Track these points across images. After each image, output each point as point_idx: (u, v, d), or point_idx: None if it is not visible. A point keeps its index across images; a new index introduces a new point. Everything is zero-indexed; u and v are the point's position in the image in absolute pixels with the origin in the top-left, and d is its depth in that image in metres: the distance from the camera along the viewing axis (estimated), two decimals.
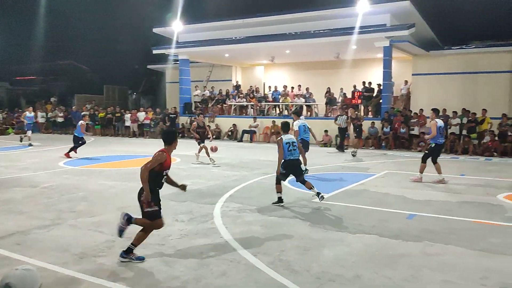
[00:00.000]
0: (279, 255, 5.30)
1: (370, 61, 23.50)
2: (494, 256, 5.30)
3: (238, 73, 29.22)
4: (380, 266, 4.95)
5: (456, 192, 9.30)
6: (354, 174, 11.66)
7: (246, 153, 16.78)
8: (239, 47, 23.20)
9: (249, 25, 23.22)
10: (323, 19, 21.12)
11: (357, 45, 20.47)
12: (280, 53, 24.33)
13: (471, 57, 21.04)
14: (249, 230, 6.36)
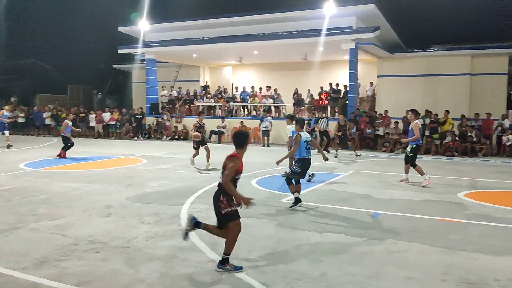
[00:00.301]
0: (246, 256, 5.29)
1: (337, 63, 23.87)
2: (455, 252, 5.47)
3: (206, 74, 29.08)
4: (345, 264, 5.03)
5: (419, 190, 9.56)
6: (321, 174, 11.77)
7: (214, 154, 16.65)
8: (207, 47, 23.11)
9: (217, 25, 23.16)
10: (291, 20, 21.31)
11: (324, 47, 20.76)
12: (248, 54, 24.36)
13: (433, 60, 21.70)
14: None
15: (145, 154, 16.26)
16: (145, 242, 5.82)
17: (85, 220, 6.87)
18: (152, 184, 10.04)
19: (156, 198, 8.46)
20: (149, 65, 25.39)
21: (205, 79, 28.52)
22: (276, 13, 21.80)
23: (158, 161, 14.09)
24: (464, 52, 21.50)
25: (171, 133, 23.56)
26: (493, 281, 4.56)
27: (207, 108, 24.78)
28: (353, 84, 20.33)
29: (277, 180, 10.89)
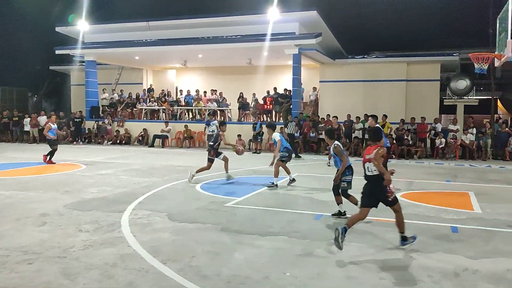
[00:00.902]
0: (189, 262, 5.22)
1: (281, 68, 24.24)
2: (392, 251, 5.70)
3: (149, 76, 28.52)
4: (288, 266, 5.09)
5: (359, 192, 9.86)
6: (265, 177, 11.87)
7: (157, 158, 16.38)
8: (150, 49, 22.67)
9: (160, 27, 22.81)
10: (236, 25, 21.41)
11: (268, 52, 21.03)
12: (192, 57, 24.18)
13: (371, 66, 22.60)
14: (158, 237, 6.19)
15: (85, 159, 15.65)
16: (83, 251, 5.59)
17: (18, 229, 6.49)
18: (92, 190, 9.67)
19: (96, 205, 8.16)
20: (89, 67, 24.50)
21: (148, 82, 27.94)
22: (220, 17, 21.83)
23: (98, 167, 13.60)
24: (400, 59, 22.59)
25: (112, 137, 22.86)
26: (427, 278, 4.79)
27: (150, 111, 24.29)
28: (296, 89, 20.73)
29: (221, 184, 10.86)
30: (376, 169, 5.58)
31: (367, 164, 5.72)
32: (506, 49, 8.83)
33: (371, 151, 5.67)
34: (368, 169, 5.72)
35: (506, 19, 8.85)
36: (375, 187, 5.67)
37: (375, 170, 5.60)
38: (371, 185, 5.75)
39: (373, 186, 5.72)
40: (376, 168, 5.58)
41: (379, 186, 5.58)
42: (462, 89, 21.97)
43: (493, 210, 8.13)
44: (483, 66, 9.67)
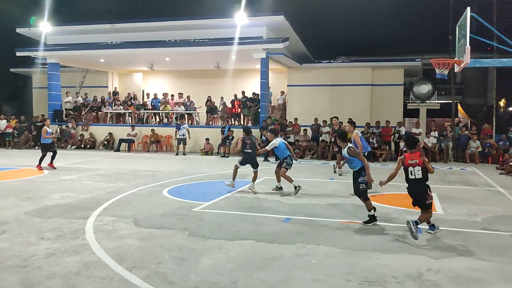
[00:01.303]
0: (155, 268, 5.14)
1: (250, 72, 24.30)
2: (357, 252, 5.79)
3: (115, 80, 27.99)
4: (255, 270, 5.09)
5: (325, 195, 10.01)
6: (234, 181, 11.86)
7: (123, 163, 16.07)
8: (116, 52, 22.26)
9: (126, 30, 22.45)
10: (203, 28, 21.32)
11: (236, 56, 21.06)
12: (159, 60, 23.91)
13: (338, 70, 22.96)
14: (124, 244, 6.07)
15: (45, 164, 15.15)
16: (45, 259, 5.41)
17: None
18: (54, 196, 9.39)
19: (59, 212, 7.92)
20: (52, 69, 23.81)
21: (113, 85, 27.41)
22: (188, 20, 21.69)
23: (61, 172, 13.23)
24: (365, 64, 23.07)
25: (76, 141, 22.29)
26: (391, 278, 4.89)
27: (116, 115, 23.83)
28: (264, 93, 20.82)
29: (189, 189, 10.77)
30: (420, 173, 6.45)
31: (411, 168, 6.48)
32: (465, 55, 9.16)
33: (415, 158, 6.51)
34: (412, 173, 6.49)
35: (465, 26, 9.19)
36: (421, 190, 6.52)
37: (419, 174, 6.44)
38: (418, 187, 6.55)
39: (419, 189, 6.54)
40: (423, 171, 6.47)
41: (424, 188, 6.51)
42: (424, 93, 22.61)
43: (454, 211, 8.40)
44: (443, 72, 10.00)
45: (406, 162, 6.56)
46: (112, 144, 21.94)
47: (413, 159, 6.52)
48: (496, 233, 6.89)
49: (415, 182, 6.54)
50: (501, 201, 9.57)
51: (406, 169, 6.59)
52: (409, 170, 6.53)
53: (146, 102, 24.45)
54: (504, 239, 6.57)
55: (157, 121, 23.71)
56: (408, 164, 6.54)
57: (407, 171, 6.57)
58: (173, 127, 20.75)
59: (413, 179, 6.53)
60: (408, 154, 6.62)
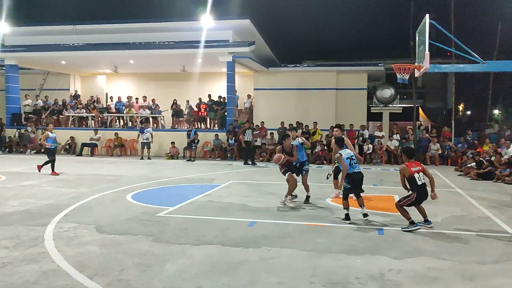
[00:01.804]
0: (118, 275, 5.02)
1: (216, 75, 24.22)
2: (321, 254, 5.85)
3: (77, 82, 27.28)
4: (220, 275, 5.05)
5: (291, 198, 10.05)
6: (199, 185, 11.79)
7: (85, 168, 15.66)
8: (78, 54, 21.74)
9: (89, 31, 21.98)
10: (169, 31, 21.14)
11: (202, 59, 20.96)
12: (123, 63, 23.49)
13: (303, 74, 23.23)
14: (85, 251, 5.90)
15: (5, 170, 14.62)
16: (1, 269, 5.19)
17: None
18: (12, 203, 9.03)
19: (17, 219, 7.62)
20: (10, 71, 22.97)
21: (75, 88, 26.70)
22: (153, 23, 21.47)
23: (20, 177, 12.75)
24: (330, 68, 23.44)
25: (36, 146, 21.55)
26: (354, 279, 4.96)
27: (78, 119, 23.22)
28: (230, 96, 20.80)
29: (154, 193, 10.61)
30: (424, 177, 7.17)
31: (417, 175, 7.09)
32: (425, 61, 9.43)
33: (417, 165, 7.25)
34: (419, 179, 7.07)
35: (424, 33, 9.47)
36: (427, 192, 7.18)
37: (424, 178, 7.15)
38: (425, 190, 7.17)
39: (426, 191, 7.18)
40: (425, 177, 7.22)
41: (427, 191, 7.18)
42: (387, 97, 23.17)
43: (415, 211, 8.61)
44: (404, 77, 10.25)
45: (410, 171, 7.09)
46: (74, 148, 21.36)
47: (415, 166, 7.20)
48: (455, 232, 7.12)
49: (424, 186, 7.16)
50: (460, 201, 9.90)
51: (413, 177, 7.09)
52: (415, 177, 7.09)
53: (109, 106, 23.94)
54: (463, 239, 6.79)
55: (121, 124, 23.26)
56: (412, 172, 7.09)
57: (414, 178, 7.10)
58: (137, 130, 20.40)
59: (422, 185, 7.12)
60: (409, 163, 7.21)
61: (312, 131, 19.55)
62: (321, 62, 30.82)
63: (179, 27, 21.04)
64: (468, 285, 4.88)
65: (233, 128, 19.87)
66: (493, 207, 9.36)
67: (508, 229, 7.41)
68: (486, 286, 4.86)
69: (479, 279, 5.05)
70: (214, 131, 20.45)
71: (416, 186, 7.09)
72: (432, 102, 39.25)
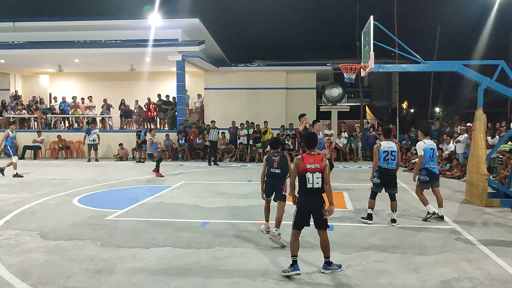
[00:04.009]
0: (64, 283, 4.83)
1: (166, 74, 23.82)
2: (274, 252, 5.91)
3: (17, 82, 25.89)
4: (171, 278, 4.98)
5: (243, 197, 10.10)
6: (150, 187, 11.56)
7: (28, 171, 14.92)
8: (18, 52, 20.63)
9: (30, 29, 20.93)
10: (116, 29, 20.53)
11: (151, 58, 20.54)
12: (68, 62, 22.57)
13: (254, 74, 23.33)
14: (28, 259, 5.62)
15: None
16: None
17: None
18: None
19: None
20: None
21: (16, 88, 25.35)
22: (99, 20, 20.78)
23: None
24: (280, 68, 23.71)
25: None
26: (305, 275, 5.06)
27: (19, 120, 22.09)
28: (181, 96, 20.53)
29: (102, 197, 10.28)
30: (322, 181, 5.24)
31: (310, 175, 5.19)
32: (370, 61, 9.75)
33: (315, 161, 5.24)
34: (309, 180, 5.18)
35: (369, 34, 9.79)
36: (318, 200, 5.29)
37: (318, 182, 5.18)
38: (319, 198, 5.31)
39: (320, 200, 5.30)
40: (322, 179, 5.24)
41: (322, 201, 5.30)
42: (335, 96, 23.72)
43: (364, 207, 8.88)
44: (351, 76, 10.55)
45: (304, 167, 5.27)
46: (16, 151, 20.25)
47: (314, 163, 5.29)
48: (399, 226, 7.41)
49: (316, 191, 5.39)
50: (404, 196, 10.31)
51: (304, 176, 5.27)
52: (307, 176, 5.23)
53: (53, 106, 22.92)
54: (407, 232, 7.08)
55: (67, 126, 22.35)
56: (306, 170, 5.26)
57: (306, 177, 5.26)
58: (83, 132, 19.69)
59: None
60: (307, 156, 5.40)
61: (263, 130, 19.70)
62: (271, 62, 31.13)
63: (127, 25, 20.50)
64: (413, 276, 5.10)
65: (183, 128, 19.63)
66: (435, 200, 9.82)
67: (448, 221, 7.82)
68: (430, 275, 5.10)
69: (422, 269, 5.29)
70: (164, 131, 20.09)
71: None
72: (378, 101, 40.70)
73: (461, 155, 14.15)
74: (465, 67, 9.66)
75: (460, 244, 6.34)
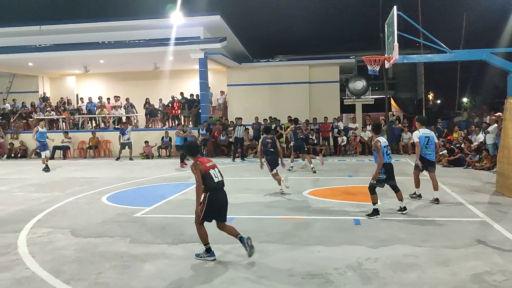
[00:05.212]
0: (95, 279, 4.94)
1: (188, 72, 24.03)
2: (300, 247, 5.90)
3: (45, 84, 26.57)
4: (200, 273, 5.05)
5: (269, 192, 10.10)
6: (176, 184, 11.70)
7: (58, 171, 15.33)
8: (45, 55, 21.13)
9: (56, 32, 21.43)
10: (139, 29, 20.81)
11: (174, 56, 20.74)
12: (93, 63, 23.03)
13: (276, 69, 23.29)
14: (60, 256, 5.78)
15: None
16: None
17: None
18: None
19: None
20: None
21: (44, 90, 26.02)
22: (122, 21, 21.06)
23: None
24: (303, 62, 23.57)
25: (5, 151, 20.96)
26: (333, 270, 5.03)
27: (49, 121, 22.67)
28: (204, 93, 20.67)
29: (129, 194, 10.47)
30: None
31: (213, 171, 5.52)
32: (394, 52, 9.60)
33: (209, 160, 5.65)
34: (215, 175, 5.51)
35: (393, 24, 9.63)
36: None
37: (219, 175, 5.58)
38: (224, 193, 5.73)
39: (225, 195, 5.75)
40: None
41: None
42: (359, 89, 23.45)
43: (390, 200, 8.78)
44: (375, 68, 10.41)
45: (205, 165, 5.52)
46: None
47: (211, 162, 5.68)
48: (428, 219, 7.29)
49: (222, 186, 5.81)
50: (432, 189, 10.12)
51: (209, 173, 5.51)
52: (211, 173, 5.54)
53: (80, 107, 23.45)
54: (436, 225, 6.96)
55: (94, 126, 22.82)
56: (209, 167, 5.55)
57: (211, 174, 5.54)
58: (111, 131, 20.07)
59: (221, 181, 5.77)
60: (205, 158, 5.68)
61: (286, 125, 19.64)
62: (294, 56, 30.98)
63: (149, 24, 20.75)
64: (442, 269, 5.01)
65: (208, 125, 19.75)
66: (464, 192, 9.63)
67: (478, 213, 7.64)
68: (460, 269, 5.00)
69: (452, 263, 5.19)
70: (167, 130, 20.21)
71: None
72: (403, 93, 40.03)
73: (491, 146, 13.78)
74: (493, 55, 9.40)
75: (491, 237, 6.19)
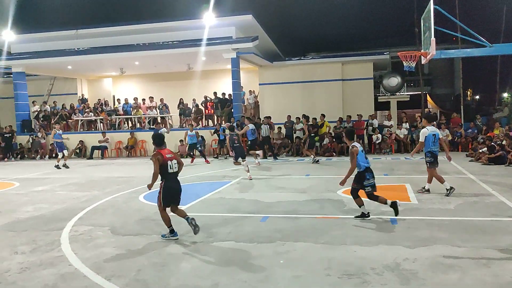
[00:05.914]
0: (135, 275, 5.07)
1: (221, 72, 24.26)
2: (336, 247, 5.86)
3: (84, 86, 27.44)
4: (236, 271, 5.09)
5: (302, 191, 10.08)
6: (210, 183, 11.84)
7: (96, 171, 15.80)
8: (83, 58, 21.83)
9: (93, 35, 22.08)
10: (172, 30, 21.17)
11: (207, 57, 20.98)
12: (129, 65, 23.59)
13: (308, 67, 23.15)
14: (101, 253, 5.96)
15: (18, 176, 14.80)
16: (20, 274, 5.27)
17: None
18: (27, 209, 9.15)
19: (32, 224, 7.72)
20: (17, 78, 23.17)
21: (82, 92, 26.88)
22: (155, 23, 21.49)
23: (33, 183, 12.89)
24: (335, 59, 23.35)
25: (47, 151, 21.77)
26: (370, 270, 4.97)
27: (87, 122, 23.39)
28: (236, 93, 20.80)
29: None
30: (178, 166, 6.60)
31: (170, 162, 6.41)
32: (431, 47, 9.38)
33: (170, 152, 6.57)
34: (171, 167, 6.44)
35: (429, 19, 9.41)
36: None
37: (176, 167, 6.55)
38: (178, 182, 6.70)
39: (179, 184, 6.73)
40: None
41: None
42: (394, 86, 23.04)
43: (427, 200, 8.59)
44: (411, 64, 10.21)
45: (164, 156, 6.57)
46: (85, 152, 21.53)
47: (171, 153, 6.80)
48: (468, 219, 7.08)
49: (175, 175, 6.82)
50: (472, 188, 9.84)
51: (167, 164, 6.51)
52: (169, 164, 6.57)
53: (117, 108, 24.08)
54: (476, 224, 6.75)
55: (130, 126, 23.39)
56: (168, 158, 6.57)
57: (168, 165, 6.53)
58: (147, 131, 20.52)
59: (174, 173, 6.66)
60: (166, 150, 6.69)
61: (320, 123, 19.49)
62: (326, 53, 30.70)
63: (182, 26, 21.07)
64: (484, 271, 4.86)
65: (240, 124, 19.83)
66: (507, 191, 9.29)
67: None
68: (503, 270, 4.84)
69: (495, 264, 5.03)
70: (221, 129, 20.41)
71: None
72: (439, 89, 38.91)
73: None
74: None
75: None
